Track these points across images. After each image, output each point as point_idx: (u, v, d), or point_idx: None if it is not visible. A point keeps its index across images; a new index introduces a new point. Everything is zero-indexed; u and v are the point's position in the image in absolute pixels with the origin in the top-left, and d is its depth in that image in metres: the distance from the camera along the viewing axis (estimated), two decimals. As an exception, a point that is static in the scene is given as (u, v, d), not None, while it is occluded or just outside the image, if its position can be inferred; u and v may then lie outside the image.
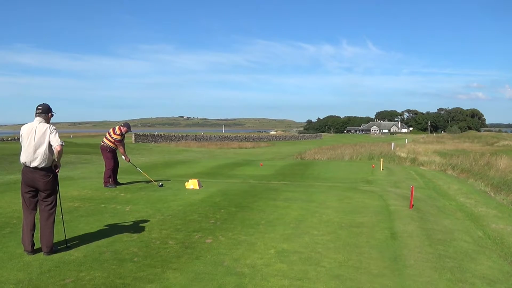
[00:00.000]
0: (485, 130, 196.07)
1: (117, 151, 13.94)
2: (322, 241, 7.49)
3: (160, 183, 13.97)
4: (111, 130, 13.99)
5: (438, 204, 12.76)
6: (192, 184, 13.38)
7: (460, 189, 16.91)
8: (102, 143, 13.90)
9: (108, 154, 13.75)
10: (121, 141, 13.81)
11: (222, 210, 9.88)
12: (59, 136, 6.57)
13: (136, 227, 8.30)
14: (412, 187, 11.41)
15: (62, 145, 6.55)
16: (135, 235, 7.67)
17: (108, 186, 13.39)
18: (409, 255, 6.89)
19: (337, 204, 11.00)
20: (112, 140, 13.69)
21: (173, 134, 78.95)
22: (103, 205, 10.46)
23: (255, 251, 6.84)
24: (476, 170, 25.24)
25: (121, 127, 13.86)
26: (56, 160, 6.62)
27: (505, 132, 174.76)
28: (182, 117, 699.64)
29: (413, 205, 10.88)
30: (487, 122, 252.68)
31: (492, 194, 17.02)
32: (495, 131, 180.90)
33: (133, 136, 65.31)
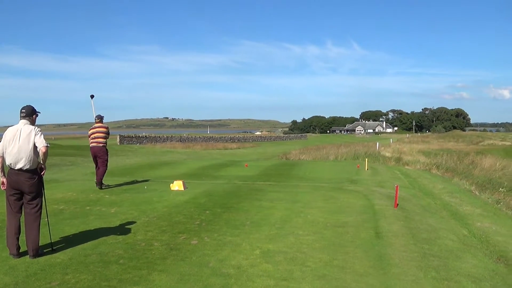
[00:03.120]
0: (470, 130, 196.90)
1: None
2: (307, 241, 7.51)
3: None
4: (99, 128, 13.81)
5: (423, 203, 12.86)
6: (177, 185, 13.33)
7: (445, 188, 17.04)
8: (102, 144, 13.71)
9: (107, 154, 13.87)
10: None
11: (207, 211, 9.87)
12: (44, 138, 6.53)
13: (121, 229, 8.27)
14: (396, 187, 11.49)
15: (47, 146, 6.51)
16: (120, 237, 7.64)
17: (102, 187, 13.38)
18: (394, 254, 6.93)
19: (322, 204, 11.04)
20: (107, 136, 13.84)
21: (158, 135, 78.56)
22: (88, 207, 10.40)
23: (241, 252, 6.85)
24: (461, 169, 25.44)
25: (101, 120, 13.94)
26: (41, 162, 6.58)
27: (490, 131, 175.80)
28: (167, 118, 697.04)
29: (398, 204, 10.95)
30: (471, 121, 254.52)
31: (477, 193, 17.15)
32: (479, 131, 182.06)
33: (118, 138, 64.85)
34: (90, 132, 13.95)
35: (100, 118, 13.92)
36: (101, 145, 13.69)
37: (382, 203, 11.33)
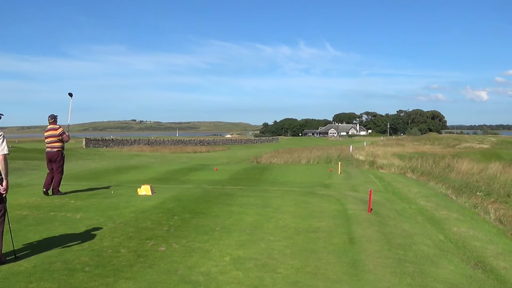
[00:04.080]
0: (446, 132, 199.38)
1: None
2: (279, 247, 7.53)
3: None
4: (52, 131, 12.99)
5: (397, 208, 13.01)
6: (144, 190, 13.23)
7: (420, 192, 17.25)
8: (57, 149, 13.00)
9: (63, 159, 13.29)
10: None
11: (176, 217, 9.80)
12: (6, 143, 6.33)
13: (87, 235, 8.15)
14: (370, 191, 11.61)
15: (5, 154, 6.28)
16: (86, 244, 7.53)
17: (58, 194, 13.02)
18: (368, 260, 6.98)
19: (294, 209, 11.08)
20: (64, 140, 13.06)
21: (125, 138, 78.13)
22: (52, 213, 10.22)
23: (210, 259, 6.83)
24: (437, 173, 25.70)
25: (55, 121, 13.03)
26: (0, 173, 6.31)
27: (467, 134, 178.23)
28: (135, 120, 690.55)
29: (371, 209, 11.05)
30: (448, 124, 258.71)
31: (453, 197, 17.36)
32: (456, 133, 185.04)
33: (84, 141, 64.12)
34: (44, 135, 13.18)
35: (53, 118, 12.99)
36: (55, 149, 13.00)
37: (355, 208, 11.42)
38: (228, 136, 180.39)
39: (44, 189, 12.92)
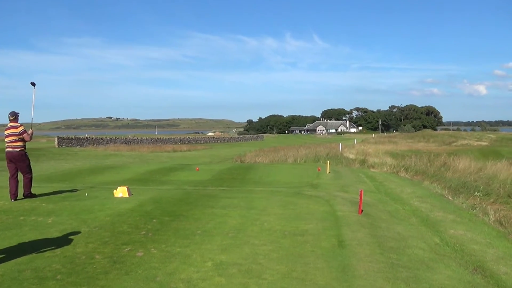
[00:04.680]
0: (442, 129, 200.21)
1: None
2: (264, 252, 7.51)
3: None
4: (13, 129, 12.54)
5: (390, 209, 13.05)
6: (121, 192, 13.16)
7: (414, 193, 17.30)
8: (19, 149, 12.62)
9: (28, 158, 13.10)
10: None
11: (154, 220, 9.75)
12: None
13: (59, 241, 8.07)
14: (361, 191, 11.62)
15: None
16: (58, 250, 7.45)
17: (31, 197, 12.85)
18: (358, 264, 6.98)
19: (280, 210, 11.08)
20: (24, 139, 12.61)
21: (101, 136, 77.43)
22: (22, 218, 10.11)
23: (191, 264, 6.79)
24: (432, 172, 25.73)
25: (16, 119, 12.59)
26: None
27: (464, 130, 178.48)
28: (111, 118, 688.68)
29: (362, 210, 11.07)
30: (444, 120, 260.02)
31: (449, 197, 17.37)
32: (453, 130, 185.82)
33: (56, 140, 63.53)
34: (4, 133, 12.76)
35: (14, 116, 12.56)
36: (17, 149, 12.62)
37: (345, 209, 11.45)
38: (210, 134, 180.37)
39: (12, 200, 12.54)
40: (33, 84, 13.40)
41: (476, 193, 18.59)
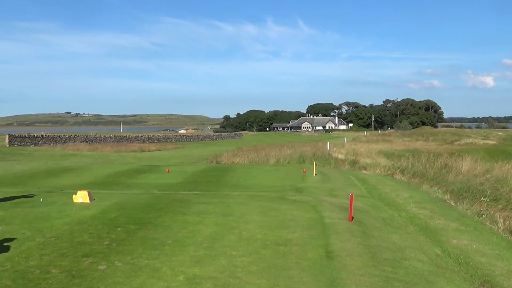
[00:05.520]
0: (443, 126, 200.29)
1: None
2: (243, 264, 7.50)
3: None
4: None
5: (384, 216, 13.12)
6: (81, 197, 13.08)
7: (412, 197, 17.39)
8: None
9: None
10: None
11: (119, 229, 9.70)
12: None
13: (10, 253, 7.97)
14: (351, 196, 11.66)
15: None
16: (8, 264, 7.36)
17: None
18: (349, 278, 6.99)
19: (261, 217, 11.09)
20: None
21: (58, 134, 77.06)
22: (-34, 226, 10.01)
23: (160, 278, 6.76)
24: (432, 174, 25.74)
25: None
26: None
27: (469, 127, 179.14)
28: (70, 113, 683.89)
29: (353, 217, 11.11)
30: (445, 116, 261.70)
31: (452, 203, 17.40)
32: (455, 127, 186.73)
33: (7, 138, 62.93)
34: None
35: None
36: None
37: (333, 216, 11.48)
38: (182, 131, 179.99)
39: None
40: None
41: (482, 198, 18.41)
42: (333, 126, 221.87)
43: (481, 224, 13.71)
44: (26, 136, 67.59)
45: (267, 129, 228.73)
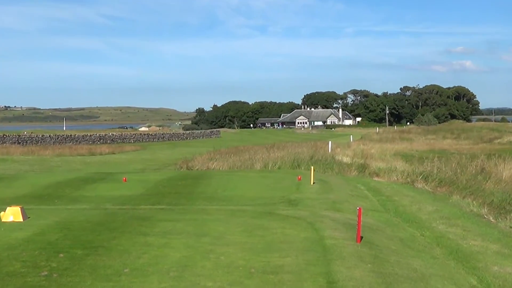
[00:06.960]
0: (478, 119, 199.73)
1: None
2: (220, 298, 7.49)
3: None
4: None
5: (402, 235, 13.14)
6: (11, 214, 13.01)
7: (438, 212, 17.41)
8: None
9: None
10: None
11: (61, 255, 9.64)
12: None
13: None
14: (359, 210, 11.67)
15: None
16: None
17: None
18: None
19: (244, 238, 11.08)
20: None
21: (-17, 134, 76.80)
22: None
23: (115, 319, 6.73)
24: (464, 182, 25.66)
25: None
26: None
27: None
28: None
29: (362, 237, 11.11)
30: (481, 106, 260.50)
31: (491, 218, 17.41)
32: (495, 120, 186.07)
33: None
34: None
35: None
36: None
37: (337, 236, 11.49)
38: (143, 128, 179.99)
39: None
40: None
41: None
42: (336, 121, 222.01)
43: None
44: None
45: (252, 125, 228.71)
